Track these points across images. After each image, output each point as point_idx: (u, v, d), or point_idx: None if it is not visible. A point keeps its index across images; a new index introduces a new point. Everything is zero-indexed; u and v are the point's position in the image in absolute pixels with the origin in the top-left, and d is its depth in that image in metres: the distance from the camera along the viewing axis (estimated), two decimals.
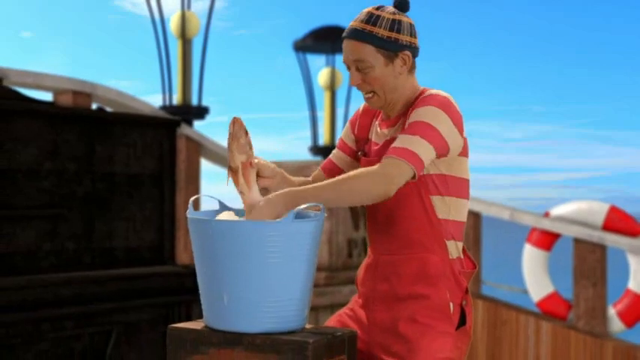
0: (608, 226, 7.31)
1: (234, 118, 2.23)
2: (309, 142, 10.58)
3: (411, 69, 2.32)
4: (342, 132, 2.56)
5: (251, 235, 2.10)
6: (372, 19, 2.26)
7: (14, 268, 4.14)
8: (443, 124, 2.19)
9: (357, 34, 2.26)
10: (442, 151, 2.21)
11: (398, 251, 2.32)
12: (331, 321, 2.44)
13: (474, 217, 7.58)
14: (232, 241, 2.11)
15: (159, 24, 7.35)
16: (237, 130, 2.22)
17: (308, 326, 2.26)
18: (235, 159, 2.22)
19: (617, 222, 7.32)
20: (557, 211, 7.61)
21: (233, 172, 2.22)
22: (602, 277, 6.92)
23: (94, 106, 6.99)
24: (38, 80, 5.49)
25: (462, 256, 2.34)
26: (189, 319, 4.59)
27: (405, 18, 2.30)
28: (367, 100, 2.33)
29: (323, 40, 10.36)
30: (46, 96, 5.61)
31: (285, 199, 2.14)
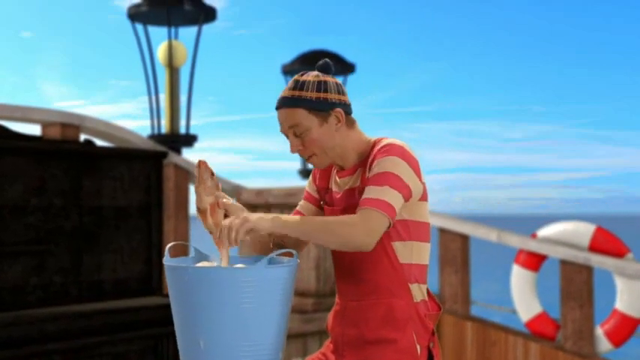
0: (594, 247, 7.38)
1: (199, 161, 2.34)
2: None
3: (349, 124, 2.40)
4: (307, 184, 2.64)
5: (226, 281, 2.16)
6: (298, 84, 2.36)
7: (1, 304, 4.18)
8: (404, 172, 2.28)
9: (288, 102, 2.35)
10: (407, 197, 2.29)
11: (364, 297, 2.39)
12: None
13: (462, 238, 7.64)
14: (207, 287, 2.17)
15: (147, 53, 7.42)
16: (203, 172, 2.33)
17: None
18: (203, 201, 2.32)
19: (603, 243, 7.39)
20: (544, 232, 7.67)
21: (201, 213, 2.33)
22: (589, 298, 6.98)
23: (82, 137, 7.05)
24: (26, 114, 5.55)
25: (426, 299, 2.41)
26: (177, 350, 4.63)
27: (330, 78, 2.39)
28: (311, 162, 2.42)
29: (311, 63, 10.44)
30: (35, 128, 5.67)
31: (268, 221, 2.22)
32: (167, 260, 2.29)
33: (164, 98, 7.43)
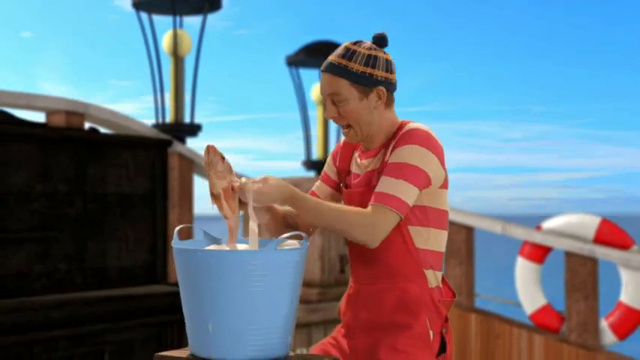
0: (599, 239, 7.35)
1: (208, 146, 2.27)
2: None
3: (388, 103, 2.35)
4: (325, 165, 2.61)
5: (235, 264, 2.13)
6: (348, 53, 2.30)
7: (5, 291, 4.17)
8: (427, 162, 2.24)
9: (333, 68, 2.30)
10: (425, 185, 2.26)
11: (378, 281, 2.36)
12: (315, 350, 2.48)
13: (467, 230, 7.62)
14: (217, 271, 2.14)
15: (151, 42, 7.39)
16: (213, 157, 2.26)
17: (292, 353, 2.29)
18: (216, 186, 2.25)
19: (608, 235, 7.36)
20: (549, 224, 7.65)
21: (215, 198, 2.26)
22: (594, 290, 6.96)
23: (86, 126, 7.03)
24: (31, 101, 5.53)
25: (440, 285, 2.38)
26: (181, 338, 4.62)
27: (382, 54, 2.33)
28: (345, 134, 2.38)
29: (315, 54, 10.41)
30: (39, 116, 5.65)
31: (285, 193, 2.19)
32: (176, 243, 2.27)
33: (168, 88, 7.41)
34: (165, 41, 7.37)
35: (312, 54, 10.43)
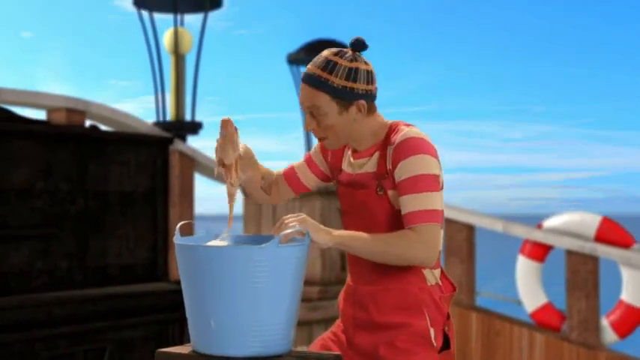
0: (600, 238, 7.35)
1: (226, 119, 2.32)
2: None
3: (369, 112, 2.33)
4: (312, 150, 2.60)
5: (238, 260, 2.13)
6: (329, 66, 2.26)
7: (7, 288, 4.17)
8: (434, 167, 2.25)
9: (313, 81, 2.27)
10: (440, 190, 2.27)
11: (375, 281, 2.36)
12: (315, 345, 2.48)
13: (468, 229, 7.62)
14: (219, 267, 2.14)
15: (152, 40, 7.39)
16: (230, 127, 2.33)
17: (294, 349, 2.29)
18: (230, 156, 2.33)
19: (609, 233, 7.36)
20: (550, 222, 7.65)
21: (227, 168, 2.34)
22: (595, 289, 6.96)
23: (87, 124, 7.03)
24: (32, 99, 5.53)
25: (440, 282, 2.37)
26: (182, 336, 4.62)
27: (364, 65, 2.29)
28: (323, 143, 2.36)
29: (316, 53, 10.41)
30: (40, 114, 5.65)
31: (335, 238, 2.21)
32: (178, 239, 2.27)
33: (169, 86, 7.40)
34: (167, 39, 7.37)
35: (313, 52, 10.44)
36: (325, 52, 2.29)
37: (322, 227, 2.22)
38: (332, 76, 2.25)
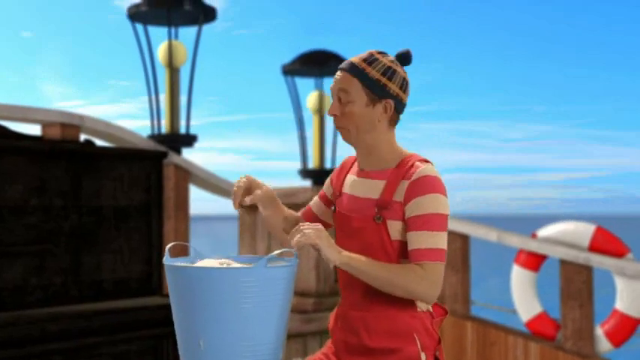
0: (594, 247, 7.38)
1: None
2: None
3: (392, 122, 2.36)
4: (324, 185, 2.64)
5: (226, 281, 2.16)
6: (370, 59, 2.34)
7: (1, 304, 4.18)
8: (445, 207, 2.29)
9: (350, 67, 2.34)
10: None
11: (366, 307, 2.38)
12: None
13: (462, 239, 7.64)
14: (207, 287, 2.17)
15: (147, 53, 7.43)
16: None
17: None
18: (239, 182, 2.54)
19: (603, 243, 7.38)
20: (544, 232, 7.68)
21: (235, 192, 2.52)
22: (589, 298, 6.98)
23: (82, 137, 7.05)
24: (26, 114, 5.55)
25: (431, 309, 2.40)
26: (177, 350, 4.63)
27: (402, 71, 2.36)
28: (338, 130, 2.39)
29: (311, 64, 10.43)
30: (35, 128, 5.67)
31: (342, 258, 2.25)
32: (167, 260, 2.29)
33: (164, 98, 7.44)
34: (161, 52, 7.40)
35: (309, 63, 10.46)
36: (370, 50, 2.38)
37: (333, 244, 2.24)
38: (369, 67, 2.32)
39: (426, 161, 2.34)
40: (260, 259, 2.37)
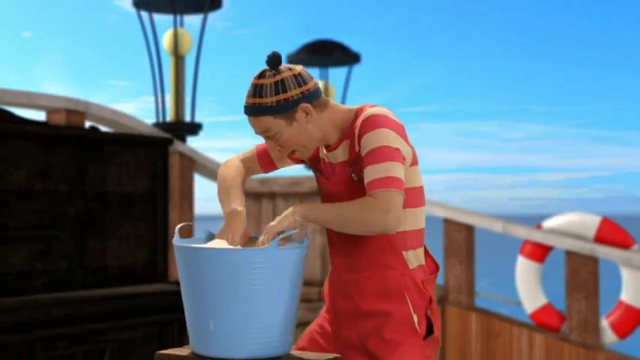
0: (600, 239, 7.35)
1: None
2: None
3: (320, 108, 2.35)
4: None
5: (236, 262, 2.14)
6: (257, 91, 2.30)
7: (6, 289, 4.17)
8: (395, 141, 2.26)
9: (251, 111, 2.32)
10: (403, 162, 2.27)
11: (357, 269, 2.39)
12: (303, 339, 2.51)
13: (467, 229, 7.62)
14: (218, 268, 2.15)
15: (152, 41, 7.40)
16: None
17: (292, 351, 2.30)
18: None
19: (608, 234, 7.36)
20: (550, 223, 7.65)
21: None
22: (595, 290, 6.96)
23: (87, 124, 7.03)
24: (32, 100, 5.53)
25: (423, 263, 2.39)
26: (182, 337, 4.62)
27: (288, 73, 2.30)
28: (296, 156, 2.40)
29: (316, 53, 10.41)
30: (40, 115, 5.65)
31: (295, 214, 2.25)
32: (177, 241, 2.27)
33: (169, 87, 7.41)
34: (166, 40, 7.37)
35: (314, 52, 10.44)
36: (252, 80, 2.34)
37: (284, 214, 2.25)
38: (262, 99, 2.29)
39: (374, 106, 2.33)
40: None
